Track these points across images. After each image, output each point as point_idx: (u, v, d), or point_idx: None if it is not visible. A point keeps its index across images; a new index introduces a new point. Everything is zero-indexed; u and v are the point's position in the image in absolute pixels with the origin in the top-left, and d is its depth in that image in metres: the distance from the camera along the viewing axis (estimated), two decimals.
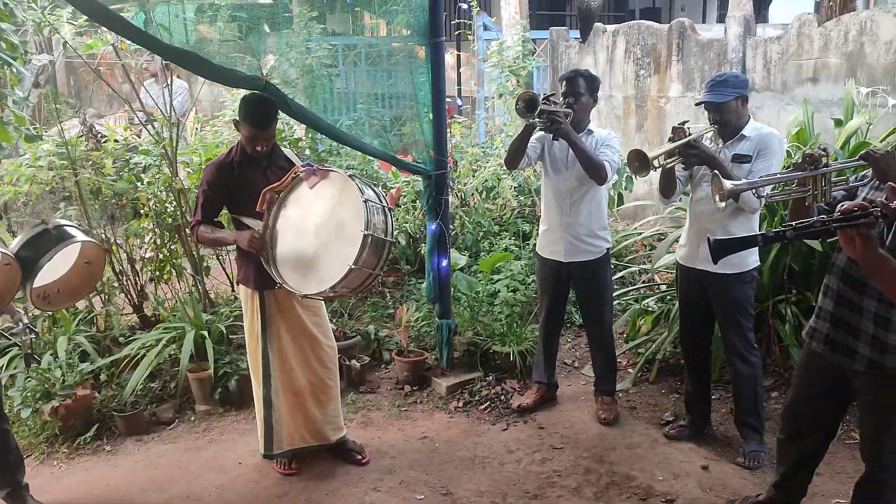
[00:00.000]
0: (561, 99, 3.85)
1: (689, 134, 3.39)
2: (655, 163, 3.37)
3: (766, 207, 4.29)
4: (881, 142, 4.32)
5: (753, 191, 3.30)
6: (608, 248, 4.06)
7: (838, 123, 4.72)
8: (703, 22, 16.42)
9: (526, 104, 3.56)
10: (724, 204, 2.88)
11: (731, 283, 3.54)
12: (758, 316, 4.34)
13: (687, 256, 3.71)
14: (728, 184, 2.83)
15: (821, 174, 2.66)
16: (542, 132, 3.80)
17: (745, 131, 3.48)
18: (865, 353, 2.60)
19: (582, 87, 3.85)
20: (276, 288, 3.33)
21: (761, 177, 2.96)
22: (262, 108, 3.31)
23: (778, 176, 2.75)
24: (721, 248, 2.11)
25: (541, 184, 4.22)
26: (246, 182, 3.37)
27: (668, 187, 3.58)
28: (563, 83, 3.90)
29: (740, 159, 3.44)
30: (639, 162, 3.38)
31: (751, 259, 3.58)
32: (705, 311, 3.73)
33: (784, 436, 3.05)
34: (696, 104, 3.59)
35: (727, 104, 3.42)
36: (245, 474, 3.67)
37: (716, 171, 3.01)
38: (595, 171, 3.74)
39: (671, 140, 3.40)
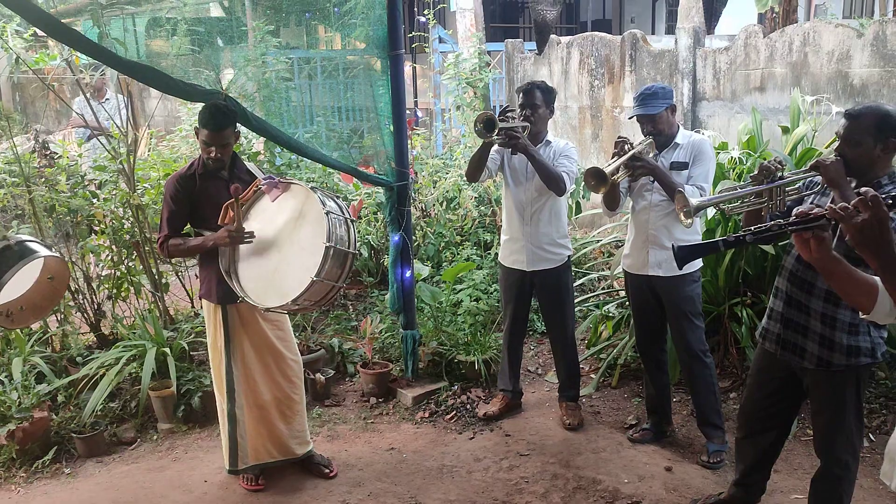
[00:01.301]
0: (518, 111, 3.92)
1: (631, 146, 3.51)
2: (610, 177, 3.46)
3: (720, 213, 4.42)
4: (826, 148, 4.49)
5: (701, 194, 3.46)
6: (569, 256, 4.13)
7: (785, 131, 4.89)
8: (653, 33, 16.80)
9: (485, 125, 3.62)
10: (690, 221, 2.97)
11: (680, 283, 3.65)
12: (714, 319, 4.46)
13: (634, 265, 3.80)
14: (694, 200, 2.91)
15: (776, 186, 2.74)
16: (500, 155, 3.89)
17: (678, 139, 3.63)
18: (814, 352, 2.72)
19: (539, 100, 3.92)
20: (239, 302, 3.30)
21: (723, 191, 3.01)
22: (218, 112, 3.30)
23: (739, 190, 2.84)
24: (685, 255, 2.17)
25: (501, 194, 4.28)
26: (208, 195, 3.34)
27: (612, 201, 3.69)
28: (520, 95, 3.96)
29: (678, 166, 3.59)
30: (595, 179, 3.46)
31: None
32: (658, 315, 3.82)
33: (741, 434, 3.15)
34: (629, 118, 3.71)
35: (659, 115, 3.57)
36: (211, 492, 3.62)
37: (681, 189, 3.10)
38: (554, 183, 3.81)
39: (615, 155, 3.52)
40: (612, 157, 3.53)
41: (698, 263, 3.73)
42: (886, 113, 2.58)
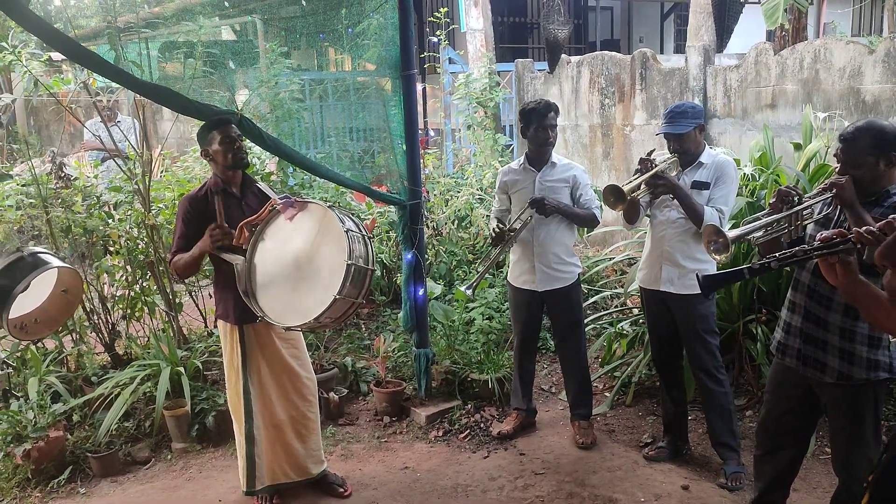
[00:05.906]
0: (531, 132, 3.94)
1: (655, 164, 3.51)
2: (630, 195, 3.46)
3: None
4: None
5: (720, 217, 3.46)
6: (579, 274, 4.13)
7: (797, 147, 4.88)
8: (661, 52, 16.83)
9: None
10: (721, 257, 2.70)
11: (693, 301, 3.63)
12: (729, 336, 4.44)
13: (648, 279, 3.80)
14: (731, 233, 2.70)
15: (795, 211, 2.69)
16: (505, 191, 4.15)
17: (703, 158, 3.63)
18: (835, 366, 2.70)
19: (555, 119, 3.97)
20: (257, 321, 3.30)
21: (746, 223, 2.89)
22: (215, 115, 3.35)
23: (762, 220, 2.76)
24: (710, 284, 2.14)
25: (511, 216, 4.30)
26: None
27: (633, 214, 3.70)
28: (533, 116, 3.94)
29: (699, 186, 3.58)
30: (614, 197, 3.47)
31: None
32: (673, 331, 3.81)
33: (760, 452, 3.12)
34: (657, 134, 3.73)
35: (687, 135, 3.56)
36: None
37: (715, 224, 2.91)
38: (591, 223, 4.06)
39: (638, 172, 3.52)
40: (635, 174, 3.53)
41: None
42: (881, 129, 2.62)
